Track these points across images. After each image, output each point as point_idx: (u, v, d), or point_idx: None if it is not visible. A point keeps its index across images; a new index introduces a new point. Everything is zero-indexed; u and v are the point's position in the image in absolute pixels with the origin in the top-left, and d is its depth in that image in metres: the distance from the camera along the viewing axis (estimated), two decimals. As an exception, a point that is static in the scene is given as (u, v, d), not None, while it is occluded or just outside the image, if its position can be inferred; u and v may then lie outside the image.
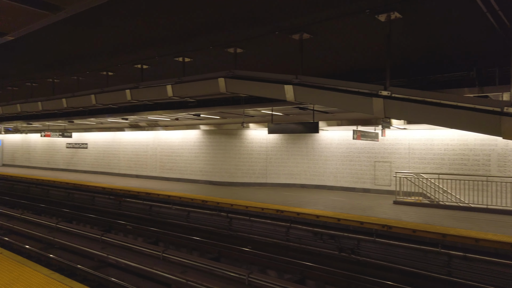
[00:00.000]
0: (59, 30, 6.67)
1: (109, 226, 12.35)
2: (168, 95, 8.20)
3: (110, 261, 8.46)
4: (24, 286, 4.32)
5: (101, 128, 20.86)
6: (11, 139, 28.47)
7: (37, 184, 18.85)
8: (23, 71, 10.72)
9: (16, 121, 18.78)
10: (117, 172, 21.08)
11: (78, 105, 10.51)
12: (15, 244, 10.08)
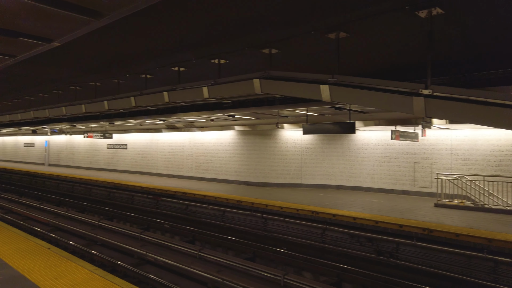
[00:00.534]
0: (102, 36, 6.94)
1: (148, 224, 12.71)
2: (204, 96, 8.33)
3: (149, 259, 8.70)
4: (70, 281, 4.53)
5: (140, 129, 21.53)
6: (57, 140, 29.99)
7: (80, 183, 19.74)
8: (68, 76, 11.25)
9: (61, 123, 19.77)
10: (154, 172, 21.68)
11: (118, 107, 10.90)
12: (61, 240, 10.59)
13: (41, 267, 5.02)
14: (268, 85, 7.13)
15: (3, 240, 6.40)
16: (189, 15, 6.00)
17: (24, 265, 5.10)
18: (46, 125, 21.04)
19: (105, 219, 13.06)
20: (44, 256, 5.50)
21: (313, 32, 6.44)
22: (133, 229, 11.09)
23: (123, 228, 11.14)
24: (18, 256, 5.50)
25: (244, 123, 16.23)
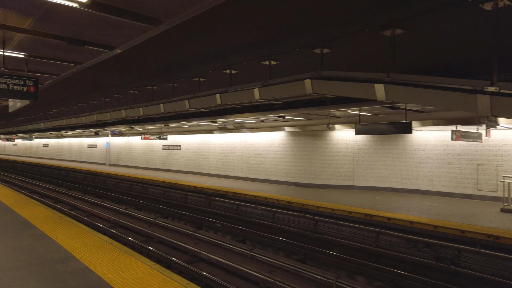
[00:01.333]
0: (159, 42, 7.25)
1: (200, 223, 13.08)
2: (255, 98, 8.41)
3: (202, 256, 8.95)
4: (130, 275, 4.78)
5: (193, 131, 22.23)
6: (116, 142, 31.82)
7: (138, 182, 20.76)
8: (128, 81, 11.90)
9: (121, 125, 20.94)
10: (206, 172, 22.26)
11: (173, 109, 11.32)
12: (121, 236, 11.21)
13: (105, 261, 5.34)
14: (319, 85, 7.04)
15: (71, 234, 6.90)
16: (243, 19, 6.10)
17: (89, 258, 5.46)
18: (107, 127, 22.38)
19: (161, 217, 13.64)
20: (107, 251, 5.85)
21: (367, 30, 6.27)
22: (187, 227, 11.46)
23: (177, 226, 11.55)
24: (84, 249, 5.91)
25: (294, 124, 16.16)
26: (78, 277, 4.66)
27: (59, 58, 6.87)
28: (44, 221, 8.04)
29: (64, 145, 41.35)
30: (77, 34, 5.40)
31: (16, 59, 6.85)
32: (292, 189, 15.82)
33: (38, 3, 4.29)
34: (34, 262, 5.22)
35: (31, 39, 5.73)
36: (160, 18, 4.61)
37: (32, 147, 50.98)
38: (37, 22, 4.95)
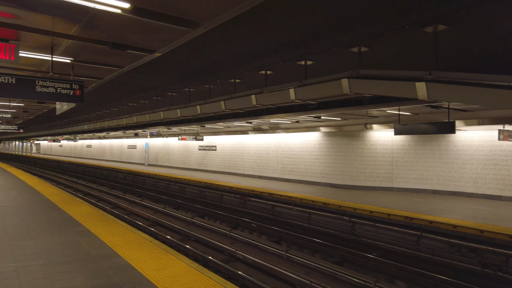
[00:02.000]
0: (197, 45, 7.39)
1: (236, 223, 13.19)
2: (290, 98, 8.38)
3: (238, 256, 9.02)
4: (170, 272, 4.90)
5: (228, 132, 22.47)
6: (155, 143, 32.76)
7: (175, 182, 21.27)
8: (166, 83, 12.22)
9: (159, 127, 21.54)
10: (241, 172, 22.42)
11: (209, 111, 11.50)
12: (160, 234, 11.52)
13: (145, 258, 5.51)
14: (357, 85, 6.90)
15: (113, 232, 7.17)
16: (279, 19, 6.09)
17: (130, 255, 5.65)
18: (146, 129, 23.10)
19: (197, 216, 13.90)
20: (147, 248, 6.03)
21: (407, 27, 6.07)
22: (223, 226, 11.60)
23: (213, 225, 11.72)
24: (125, 246, 6.12)
25: (330, 124, 15.93)
26: (120, 273, 4.83)
27: (102, 62, 7.17)
28: (88, 218, 8.41)
29: (106, 146, 43.11)
30: (119, 39, 5.61)
31: (63, 64, 7.22)
32: (328, 190, 15.60)
33: (84, 10, 4.49)
34: (80, 257, 5.47)
35: (77, 45, 6.01)
36: (198, 21, 4.69)
37: (77, 148, 53.54)
38: (82, 28, 5.19)
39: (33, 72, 8.26)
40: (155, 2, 4.20)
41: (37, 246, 6.04)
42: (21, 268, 4.92)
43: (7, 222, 7.79)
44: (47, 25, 5.17)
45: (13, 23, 5.10)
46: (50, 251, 5.74)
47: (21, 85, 5.78)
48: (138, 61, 6.91)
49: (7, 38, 5.65)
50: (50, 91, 5.98)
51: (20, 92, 5.79)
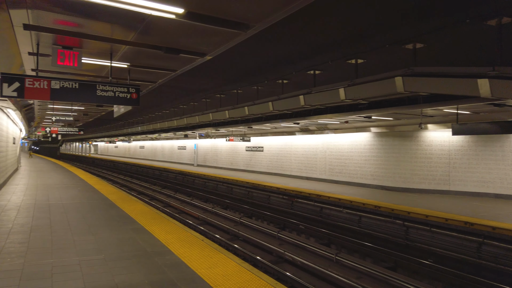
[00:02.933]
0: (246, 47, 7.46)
1: (283, 224, 13.15)
2: (340, 98, 8.20)
3: (286, 257, 8.97)
4: (221, 271, 4.97)
5: (275, 133, 22.49)
6: (203, 144, 33.59)
7: (223, 182, 21.64)
8: (215, 85, 12.47)
9: (207, 128, 22.04)
10: (288, 174, 22.33)
11: (257, 112, 11.57)
12: (209, 233, 11.77)
13: (197, 256, 5.64)
14: (412, 83, 6.60)
15: (166, 229, 7.43)
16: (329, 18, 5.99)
17: (183, 252, 5.82)
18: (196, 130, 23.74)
19: (245, 216, 14.03)
20: (199, 247, 6.18)
21: (468, 21, 5.71)
22: (271, 227, 11.61)
23: (261, 226, 11.77)
24: (178, 244, 6.31)
25: (381, 124, 15.41)
26: (174, 270, 4.98)
27: (156, 67, 7.46)
28: (143, 216, 8.78)
29: (157, 147, 44.89)
30: (172, 43, 5.80)
31: (120, 69, 7.60)
32: (379, 192, 15.09)
33: (140, 17, 4.69)
34: (136, 254, 5.72)
35: (133, 50, 6.30)
36: (249, 23, 4.72)
37: (131, 149, 56.26)
38: (139, 34, 5.43)
39: (93, 77, 8.78)
40: (207, 6, 4.28)
41: (98, 241, 6.40)
42: (84, 262, 5.24)
43: (71, 218, 8.35)
44: (106, 32, 5.46)
45: (76, 32, 5.44)
46: (109, 247, 6.06)
47: (84, 90, 6.16)
48: (189, 64, 7.10)
49: (71, 46, 6.05)
50: (109, 95, 6.32)
51: (83, 96, 6.17)
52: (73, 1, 4.21)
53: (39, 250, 5.77)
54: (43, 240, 6.40)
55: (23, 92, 5.71)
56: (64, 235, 6.75)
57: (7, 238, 6.48)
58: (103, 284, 4.42)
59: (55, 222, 7.88)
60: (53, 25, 5.15)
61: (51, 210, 9.25)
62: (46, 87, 5.84)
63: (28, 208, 9.57)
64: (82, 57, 6.03)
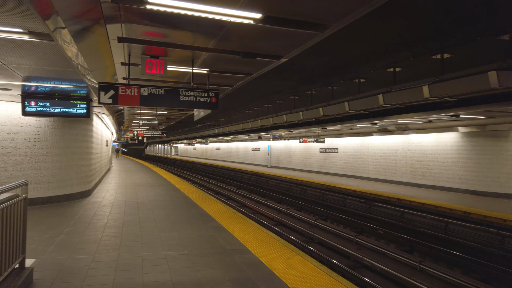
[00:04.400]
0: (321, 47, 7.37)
1: (361, 228, 12.70)
2: (424, 96, 7.71)
3: (365, 263, 8.66)
4: (299, 272, 4.96)
5: (350, 133, 21.85)
6: (277, 145, 33.86)
7: (297, 184, 21.58)
8: (289, 87, 12.51)
9: (281, 129, 22.19)
10: (365, 176, 21.54)
11: (332, 112, 11.36)
12: (283, 234, 11.81)
13: (274, 256, 5.70)
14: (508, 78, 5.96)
15: (243, 229, 7.62)
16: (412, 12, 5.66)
17: (260, 252, 5.92)
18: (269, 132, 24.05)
19: (320, 219, 13.83)
20: (275, 247, 6.23)
21: None
22: (347, 231, 11.28)
23: (337, 229, 11.50)
24: (255, 244, 6.43)
25: (470, 123, 14.14)
26: (253, 268, 5.09)
27: (233, 71, 7.70)
28: (221, 215, 9.12)
29: (232, 149, 46.33)
30: (249, 48, 5.95)
31: (200, 75, 8.00)
32: (468, 197, 13.84)
33: (220, 25, 4.89)
34: (216, 251, 5.96)
35: (213, 56, 6.58)
36: (326, 24, 4.66)
37: (208, 151, 58.84)
38: (218, 41, 5.66)
39: (176, 83, 9.35)
40: (284, 9, 4.32)
41: (181, 237, 6.79)
42: (169, 256, 5.60)
43: (156, 215, 8.97)
44: (189, 41, 5.78)
45: (162, 41, 5.85)
46: (192, 243, 6.40)
47: (168, 95, 6.59)
48: (265, 67, 7.21)
49: (158, 55, 6.51)
50: (191, 99, 6.68)
51: (167, 101, 6.60)
52: (160, 13, 4.53)
53: (130, 244, 6.30)
54: (133, 234, 6.97)
55: (117, 99, 6.29)
56: (151, 231, 7.28)
57: (103, 231, 7.18)
58: (187, 278, 4.68)
59: (143, 218, 8.54)
60: (142, 37, 5.60)
61: (139, 207, 10.05)
62: (136, 94, 6.37)
63: (120, 205, 10.49)
64: (167, 65, 6.45)
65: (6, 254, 3.67)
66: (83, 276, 4.70)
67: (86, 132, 11.79)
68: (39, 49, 5.07)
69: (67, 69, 6.27)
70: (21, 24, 4.03)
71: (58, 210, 9.36)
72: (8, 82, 7.23)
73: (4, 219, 3.53)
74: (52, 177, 10.47)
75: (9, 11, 3.69)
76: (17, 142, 9.83)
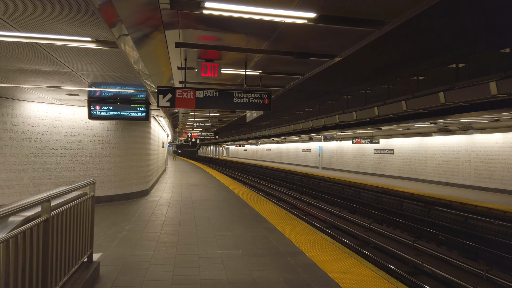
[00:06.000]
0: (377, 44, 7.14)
1: (419, 233, 12.09)
2: (491, 93, 7.17)
3: (425, 269, 8.23)
4: (355, 276, 4.82)
5: (407, 134, 20.91)
6: (328, 146, 33.28)
7: (350, 186, 21.05)
8: (342, 86, 12.25)
9: (333, 130, 21.79)
10: (424, 178, 20.50)
11: (388, 112, 10.94)
12: (337, 237, 11.56)
13: (329, 260, 5.59)
14: None
15: (296, 230, 7.57)
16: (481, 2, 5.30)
17: (314, 254, 5.83)
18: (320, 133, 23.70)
19: (375, 222, 13.37)
20: (330, 250, 6.12)
21: None
22: (405, 236, 10.80)
23: (394, 234, 11.05)
24: (309, 246, 6.36)
25: (544, 121, 12.94)
26: (307, 271, 5.03)
27: (285, 72, 7.69)
28: (273, 216, 9.13)
29: (283, 150, 46.29)
30: (303, 48, 5.90)
31: (253, 76, 8.07)
32: (542, 203, 12.67)
33: (274, 26, 4.90)
34: (269, 252, 5.97)
35: (265, 58, 6.62)
36: (383, 20, 4.49)
37: (258, 152, 59.30)
38: (271, 43, 5.68)
39: (229, 86, 9.52)
40: (339, 7, 4.23)
41: (234, 237, 6.89)
42: (224, 256, 5.70)
43: (210, 214, 9.19)
44: (242, 43, 5.86)
45: (216, 45, 5.98)
46: (245, 243, 6.47)
47: (222, 98, 6.72)
48: (318, 67, 7.11)
49: (212, 58, 6.68)
50: (244, 101, 6.76)
51: (222, 103, 6.74)
52: (215, 18, 4.63)
53: (187, 242, 6.50)
54: (189, 233, 7.19)
55: (174, 102, 6.53)
56: (206, 230, 7.46)
57: (161, 229, 7.48)
58: (242, 278, 4.73)
59: (198, 217, 8.79)
60: (198, 41, 5.77)
61: (194, 207, 10.36)
62: (192, 97, 6.57)
63: (176, 204, 10.89)
64: (221, 68, 6.59)
65: (77, 248, 3.95)
66: (144, 271, 4.92)
67: (144, 134, 12.39)
68: (104, 56, 5.40)
69: (129, 75, 6.63)
70: (90, 33, 4.32)
71: (119, 208, 9.92)
72: (77, 88, 7.79)
73: (75, 215, 3.79)
74: (114, 176, 11.12)
75: (80, 22, 3.97)
76: (83, 144, 10.56)
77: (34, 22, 3.96)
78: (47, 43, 4.64)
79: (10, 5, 3.55)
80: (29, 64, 5.79)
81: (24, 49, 4.94)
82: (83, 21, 3.92)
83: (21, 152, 9.45)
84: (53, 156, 10.07)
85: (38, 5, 3.53)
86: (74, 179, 10.34)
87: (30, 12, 3.72)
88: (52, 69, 6.08)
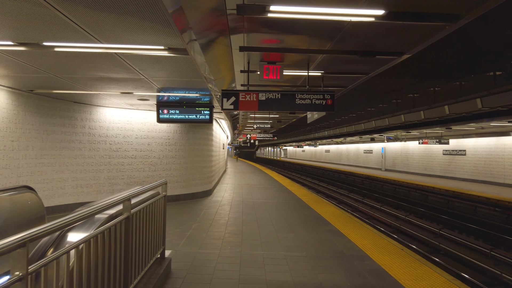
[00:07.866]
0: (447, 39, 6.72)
1: (497, 241, 11.13)
2: None
3: (504, 280, 7.57)
4: (428, 285, 4.57)
5: (481, 133, 19.40)
6: (392, 147, 31.88)
7: (416, 189, 19.97)
8: (407, 85, 11.69)
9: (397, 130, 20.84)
10: (501, 182, 18.86)
11: (460, 111, 10.23)
12: (404, 242, 11.02)
13: (398, 266, 5.35)
14: None
15: (361, 234, 7.35)
16: None
17: (382, 260, 5.62)
18: (383, 133, 22.80)
19: (445, 228, 12.56)
20: (399, 256, 5.86)
21: None
22: (480, 243, 10.01)
23: (467, 240, 10.29)
24: (376, 251, 6.14)
25: None
26: (375, 277, 4.87)
27: (348, 71, 7.52)
28: (335, 219, 8.95)
29: (342, 151, 45.22)
30: (368, 46, 5.73)
31: (314, 77, 8.00)
32: None
33: (338, 26, 4.82)
34: (334, 255, 5.86)
35: (328, 58, 6.53)
36: (459, 13, 4.22)
37: (317, 153, 58.51)
38: (335, 43, 5.59)
39: (290, 87, 9.52)
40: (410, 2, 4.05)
41: (298, 239, 6.86)
42: (288, 257, 5.71)
43: (272, 215, 9.25)
44: (304, 44, 5.83)
45: (278, 47, 6.02)
46: (309, 245, 6.41)
47: (284, 99, 6.74)
48: (384, 65, 6.86)
49: (274, 61, 6.73)
50: (307, 102, 6.72)
51: (284, 105, 6.76)
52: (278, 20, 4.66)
53: (250, 242, 6.60)
54: (252, 233, 7.30)
55: (237, 105, 6.68)
56: (268, 231, 7.52)
57: (226, 229, 7.68)
58: (308, 280, 4.70)
59: (260, 218, 8.89)
60: (261, 44, 5.85)
61: (255, 207, 10.49)
62: (255, 99, 6.67)
63: (238, 204, 11.11)
64: (283, 70, 6.62)
65: (152, 244, 4.19)
66: (212, 269, 5.09)
67: (207, 136, 12.81)
68: (173, 62, 5.68)
69: (196, 79, 6.90)
70: (163, 41, 4.58)
71: (185, 208, 10.35)
72: (147, 93, 8.28)
73: (150, 214, 4.03)
74: (180, 177, 11.64)
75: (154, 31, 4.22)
76: (152, 146, 11.19)
77: (115, 33, 4.28)
78: (125, 53, 5.00)
79: (97, 20, 3.88)
80: (106, 72, 6.27)
81: (104, 58, 5.36)
82: (156, 30, 4.16)
83: (98, 154, 10.26)
84: (125, 157, 10.79)
85: (120, 18, 3.81)
86: (144, 179, 10.99)
87: (112, 25, 4.03)
88: (127, 76, 6.52)
